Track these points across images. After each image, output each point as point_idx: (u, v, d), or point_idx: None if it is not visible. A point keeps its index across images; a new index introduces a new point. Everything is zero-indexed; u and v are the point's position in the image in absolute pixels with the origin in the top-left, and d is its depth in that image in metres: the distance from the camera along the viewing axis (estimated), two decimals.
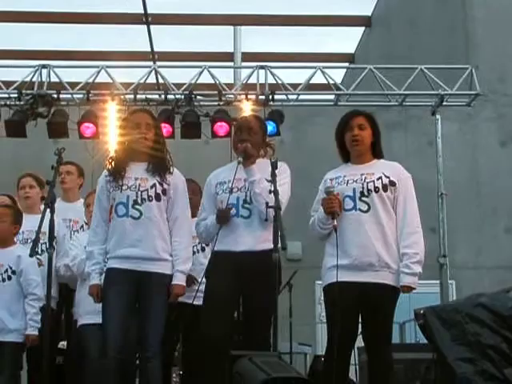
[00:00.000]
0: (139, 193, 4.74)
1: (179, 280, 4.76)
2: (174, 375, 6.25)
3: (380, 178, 4.76)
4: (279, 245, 4.47)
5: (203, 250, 5.63)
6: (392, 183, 4.76)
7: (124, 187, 4.76)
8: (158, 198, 4.77)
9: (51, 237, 4.75)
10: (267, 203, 4.74)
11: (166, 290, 4.75)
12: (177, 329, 5.48)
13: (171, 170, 4.88)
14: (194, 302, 5.43)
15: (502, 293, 6.29)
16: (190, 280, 5.53)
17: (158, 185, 4.79)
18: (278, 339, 4.37)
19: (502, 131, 11.56)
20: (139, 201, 4.73)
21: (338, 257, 4.56)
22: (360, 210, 4.69)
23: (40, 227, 4.72)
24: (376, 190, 4.72)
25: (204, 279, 5.01)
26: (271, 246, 4.72)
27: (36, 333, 5.34)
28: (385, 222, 4.70)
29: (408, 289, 4.69)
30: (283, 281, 7.62)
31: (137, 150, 4.86)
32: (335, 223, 4.64)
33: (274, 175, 4.64)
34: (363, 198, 4.70)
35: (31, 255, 4.80)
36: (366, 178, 4.75)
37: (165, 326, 4.73)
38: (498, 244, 11.30)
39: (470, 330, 5.26)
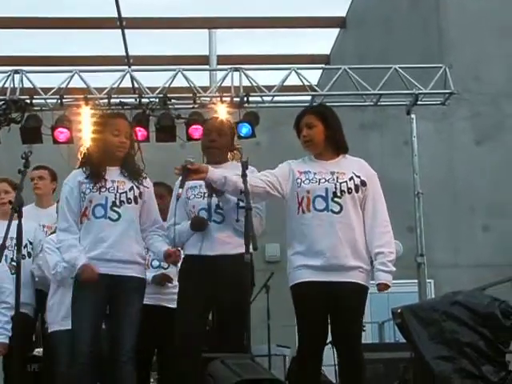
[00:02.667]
0: (118, 195, 4.74)
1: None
2: (151, 380, 6.18)
3: (352, 178, 4.69)
4: (251, 245, 4.43)
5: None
6: (363, 183, 4.70)
7: (102, 189, 4.75)
8: (136, 200, 4.80)
9: (19, 242, 4.68)
10: (237, 204, 4.72)
11: (139, 295, 4.76)
12: (153, 332, 5.44)
13: (144, 175, 4.90)
14: (168, 305, 5.41)
15: (479, 290, 6.31)
16: (165, 278, 5.52)
17: (135, 188, 4.81)
18: (252, 341, 4.35)
19: (477, 130, 11.61)
20: (118, 203, 4.73)
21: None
22: (332, 210, 4.62)
23: (7, 232, 4.64)
24: (349, 191, 4.65)
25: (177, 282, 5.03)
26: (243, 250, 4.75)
27: (6, 341, 5.23)
28: (355, 223, 4.65)
29: (385, 286, 4.62)
30: (261, 283, 7.61)
31: (114, 155, 4.84)
32: (180, 191, 4.67)
33: (244, 175, 4.59)
34: (336, 199, 4.63)
35: None
36: (338, 177, 4.67)
37: (139, 331, 4.71)
38: (476, 242, 11.35)
39: (448, 328, 5.27)
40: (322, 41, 14.23)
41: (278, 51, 13.58)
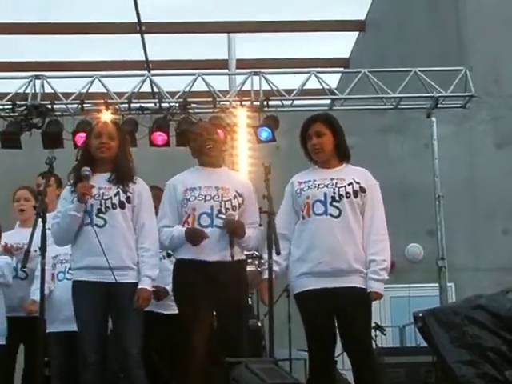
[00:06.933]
0: (103, 201, 4.72)
1: (146, 284, 4.70)
2: None
3: (351, 183, 4.72)
4: (273, 250, 4.43)
5: (169, 256, 5.46)
6: (362, 189, 4.72)
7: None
8: (122, 205, 4.75)
9: (43, 247, 4.70)
10: (260, 208, 4.73)
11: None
12: (159, 338, 5.41)
13: (134, 180, 4.85)
14: (165, 312, 5.39)
15: (501, 294, 6.27)
16: (164, 293, 5.44)
17: (121, 192, 4.77)
18: (275, 346, 4.36)
19: (497, 133, 11.55)
20: (103, 209, 4.72)
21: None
22: (331, 214, 4.65)
23: (32, 238, 4.66)
24: (347, 195, 4.68)
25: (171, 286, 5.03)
26: (244, 256, 4.79)
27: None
28: (354, 227, 4.67)
29: (376, 295, 4.62)
30: (282, 287, 7.58)
31: (97, 159, 4.85)
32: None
33: (267, 180, 4.62)
34: (334, 203, 4.66)
35: (23, 266, 4.77)
36: (337, 183, 4.71)
37: (144, 335, 4.70)
38: (496, 245, 11.28)
39: (470, 332, 5.25)
40: (342, 44, 14.24)
41: (297, 55, 13.59)
